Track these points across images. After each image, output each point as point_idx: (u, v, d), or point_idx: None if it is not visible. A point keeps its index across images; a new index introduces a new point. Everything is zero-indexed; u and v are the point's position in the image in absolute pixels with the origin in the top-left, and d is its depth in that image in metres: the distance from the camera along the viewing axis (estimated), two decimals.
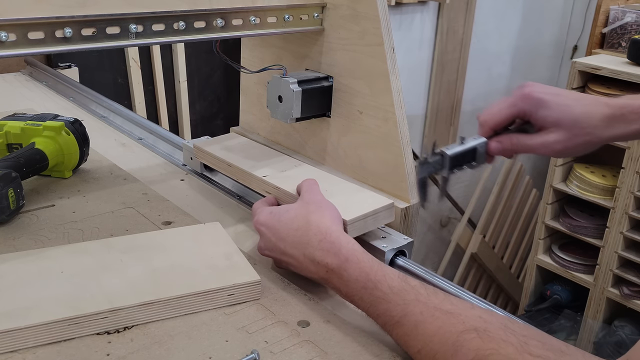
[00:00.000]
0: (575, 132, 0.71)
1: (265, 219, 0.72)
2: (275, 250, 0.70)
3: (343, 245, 0.65)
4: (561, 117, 0.72)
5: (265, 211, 0.73)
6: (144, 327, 0.62)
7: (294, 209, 0.71)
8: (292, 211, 0.71)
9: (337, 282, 0.64)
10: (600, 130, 0.72)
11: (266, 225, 0.72)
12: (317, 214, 0.69)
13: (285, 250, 0.69)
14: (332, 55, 0.87)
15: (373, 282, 0.60)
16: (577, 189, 2.23)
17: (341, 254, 0.64)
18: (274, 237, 0.70)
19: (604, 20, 2.34)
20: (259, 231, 0.73)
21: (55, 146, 0.93)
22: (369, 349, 0.61)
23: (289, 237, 0.68)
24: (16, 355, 0.57)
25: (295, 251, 0.67)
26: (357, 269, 0.62)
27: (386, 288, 0.59)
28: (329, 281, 0.65)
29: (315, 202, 0.72)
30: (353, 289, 0.62)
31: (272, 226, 0.71)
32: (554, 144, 0.72)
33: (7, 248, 0.75)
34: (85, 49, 0.69)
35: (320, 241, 0.66)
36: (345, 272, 0.63)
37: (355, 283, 0.62)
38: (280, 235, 0.69)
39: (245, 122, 1.06)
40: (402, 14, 2.41)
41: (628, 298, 2.13)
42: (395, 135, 0.81)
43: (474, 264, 2.84)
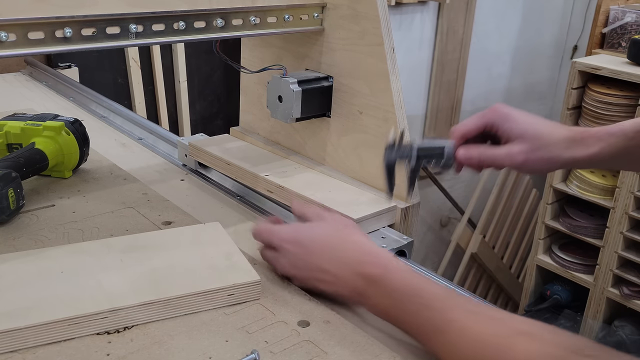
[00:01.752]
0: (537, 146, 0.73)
1: (290, 236, 0.70)
2: (305, 267, 0.68)
3: (382, 256, 0.65)
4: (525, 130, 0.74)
5: (287, 229, 0.71)
6: (144, 327, 0.62)
7: (321, 227, 0.70)
8: (320, 227, 0.70)
9: (378, 294, 0.62)
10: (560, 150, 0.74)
11: (293, 242, 0.69)
12: (347, 229, 0.69)
13: (319, 265, 0.66)
14: (332, 55, 0.87)
15: (416, 289, 0.60)
16: (577, 189, 2.23)
17: (381, 263, 0.63)
18: (304, 253, 0.68)
19: (604, 20, 2.34)
20: (282, 249, 0.70)
21: (55, 146, 0.93)
22: (369, 349, 0.61)
23: (324, 252, 0.67)
24: (16, 355, 0.57)
25: (332, 265, 0.66)
26: (399, 277, 0.61)
27: (429, 295, 0.59)
28: (368, 296, 0.63)
29: (339, 219, 0.72)
30: (395, 299, 0.60)
31: (301, 243, 0.68)
32: (516, 155, 0.73)
33: (7, 248, 0.75)
34: (85, 49, 0.69)
35: (360, 254, 0.65)
36: (387, 281, 0.61)
37: (397, 292, 0.60)
38: (313, 251, 0.67)
39: (245, 122, 1.06)
40: (402, 14, 2.41)
41: (628, 298, 2.13)
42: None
43: (474, 264, 2.84)
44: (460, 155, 0.75)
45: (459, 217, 2.87)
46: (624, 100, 2.07)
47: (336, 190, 0.85)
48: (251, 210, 0.91)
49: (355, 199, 0.83)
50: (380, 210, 0.80)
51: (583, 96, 2.18)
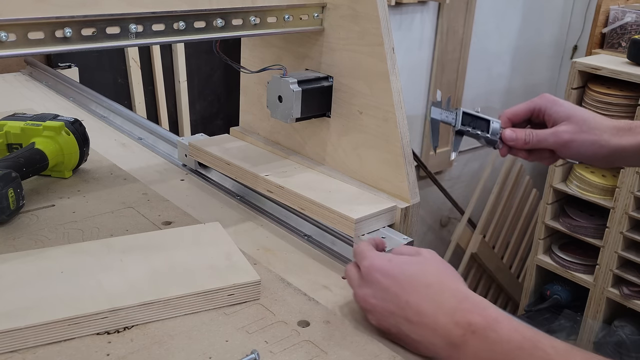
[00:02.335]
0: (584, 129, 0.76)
1: (384, 265, 0.63)
2: (392, 302, 0.61)
3: (489, 307, 0.58)
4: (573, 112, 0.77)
5: (382, 257, 0.64)
6: (144, 327, 0.62)
7: (420, 263, 0.63)
8: (418, 265, 0.63)
9: (479, 345, 0.55)
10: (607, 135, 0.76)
11: (385, 274, 0.62)
12: (449, 273, 0.63)
13: (410, 304, 0.59)
14: (332, 55, 0.87)
15: (532, 341, 0.53)
16: (577, 189, 2.23)
17: (488, 313, 0.56)
18: (396, 287, 0.61)
19: (604, 20, 2.34)
20: (371, 276, 0.63)
21: (55, 146, 0.93)
22: (369, 349, 0.61)
23: (418, 292, 0.60)
24: (16, 355, 0.57)
25: (426, 308, 0.58)
26: (510, 328, 0.54)
27: (549, 348, 0.52)
28: (463, 347, 0.55)
29: (439, 260, 0.65)
30: (501, 352, 0.53)
31: (394, 276, 0.61)
32: (562, 133, 0.76)
33: (7, 248, 0.75)
34: (85, 49, 0.69)
35: (460, 301, 0.58)
36: (493, 332, 0.54)
37: (507, 344, 0.53)
38: (404, 288, 0.60)
39: (245, 122, 1.06)
40: (402, 14, 2.41)
41: (628, 298, 2.13)
42: (395, 135, 0.81)
43: (474, 264, 2.84)
44: (507, 134, 0.78)
45: (459, 217, 2.87)
46: (624, 100, 2.07)
47: (336, 190, 0.85)
48: (251, 210, 0.91)
49: (355, 199, 0.83)
50: (380, 210, 0.80)
51: (583, 96, 2.18)
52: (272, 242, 0.83)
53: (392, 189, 0.84)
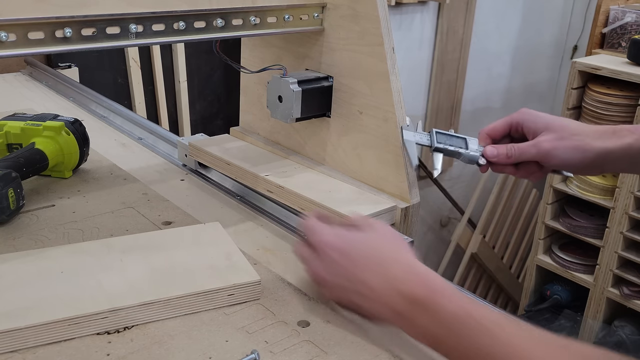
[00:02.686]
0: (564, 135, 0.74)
1: (333, 240, 0.64)
2: (342, 276, 0.62)
3: (432, 278, 0.59)
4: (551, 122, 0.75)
5: (331, 233, 0.65)
6: (144, 327, 0.62)
7: (369, 237, 0.65)
8: (366, 238, 0.64)
9: (422, 316, 0.57)
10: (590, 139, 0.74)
11: (335, 249, 0.63)
12: (396, 244, 0.64)
13: (358, 278, 0.61)
14: (332, 55, 0.87)
15: (473, 316, 0.55)
16: (577, 189, 2.23)
17: (431, 284, 0.58)
18: (345, 261, 0.62)
19: (604, 20, 2.34)
20: (321, 251, 0.64)
21: (55, 146, 0.93)
22: (369, 349, 0.61)
23: (366, 265, 0.61)
24: (16, 355, 0.57)
25: (373, 281, 0.60)
26: (453, 301, 0.56)
27: (489, 322, 0.54)
28: (409, 317, 0.58)
29: (388, 232, 0.67)
30: (444, 321, 0.55)
31: (343, 251, 0.63)
32: (543, 142, 0.74)
33: (7, 248, 0.75)
34: (85, 49, 0.69)
35: (405, 272, 0.60)
36: (436, 303, 0.56)
37: (448, 314, 0.55)
38: (354, 261, 0.62)
39: (245, 122, 1.06)
40: (402, 14, 2.41)
41: (628, 298, 2.13)
42: (395, 135, 0.81)
43: (474, 264, 2.84)
44: (489, 151, 0.77)
45: (459, 217, 2.87)
46: (624, 100, 2.07)
47: (336, 190, 0.85)
48: (251, 210, 0.91)
49: (355, 199, 0.83)
50: (380, 210, 0.80)
51: (583, 96, 2.18)
52: (272, 242, 0.83)
53: (392, 189, 0.84)
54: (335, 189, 0.86)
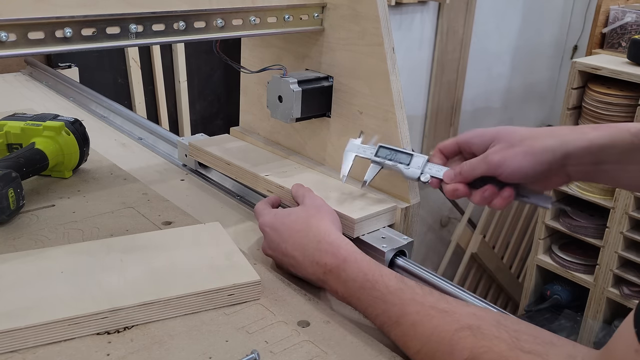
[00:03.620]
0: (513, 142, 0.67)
1: (269, 220, 0.75)
2: (277, 250, 0.72)
3: (342, 247, 0.66)
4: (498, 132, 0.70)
5: (270, 213, 0.76)
6: (144, 327, 0.62)
7: (295, 212, 0.74)
8: (294, 214, 0.73)
9: (334, 282, 0.65)
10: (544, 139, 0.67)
11: (270, 227, 0.74)
12: (317, 217, 0.72)
13: (286, 251, 0.71)
14: (332, 55, 0.87)
15: (371, 282, 0.61)
16: (577, 189, 2.23)
17: (339, 254, 0.65)
18: (277, 238, 0.72)
19: (604, 20, 2.34)
20: (264, 232, 0.75)
21: (55, 146, 0.93)
22: (368, 349, 0.61)
23: (291, 238, 0.71)
24: (16, 355, 0.57)
25: (296, 252, 0.69)
26: (355, 269, 0.63)
27: (383, 288, 0.60)
28: (326, 282, 0.66)
29: (315, 206, 0.75)
30: (351, 289, 0.63)
31: (276, 228, 0.73)
32: (491, 154, 0.68)
33: (7, 248, 0.75)
34: (85, 49, 0.69)
35: (319, 242, 0.68)
36: (343, 272, 0.64)
37: (353, 283, 0.63)
38: (282, 236, 0.72)
39: (245, 122, 1.06)
40: (402, 14, 2.41)
41: (628, 298, 2.13)
42: (395, 135, 0.81)
43: (474, 264, 2.84)
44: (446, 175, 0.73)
45: (459, 217, 2.87)
46: (624, 100, 2.07)
47: (335, 190, 0.85)
48: (251, 210, 0.91)
49: (355, 199, 0.83)
50: (380, 210, 0.80)
51: (583, 96, 2.18)
52: None
53: (392, 189, 0.84)
54: (334, 189, 0.86)
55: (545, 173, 0.68)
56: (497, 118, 3.07)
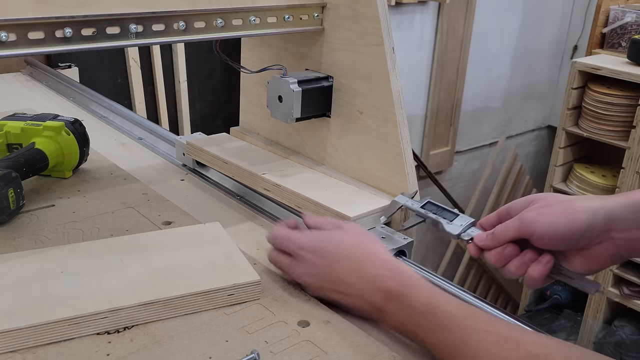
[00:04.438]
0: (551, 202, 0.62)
1: (307, 243, 0.68)
2: (322, 277, 0.66)
3: (403, 271, 0.63)
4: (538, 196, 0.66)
5: (305, 236, 0.69)
6: (144, 327, 0.62)
7: (340, 236, 0.68)
8: (340, 237, 0.68)
9: (396, 309, 0.61)
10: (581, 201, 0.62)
11: (311, 251, 0.67)
12: (367, 240, 0.68)
13: (339, 277, 0.65)
14: (332, 55, 0.87)
15: (433, 308, 0.58)
16: (577, 189, 2.23)
17: (402, 279, 0.62)
18: (321, 263, 0.66)
19: (604, 20, 2.34)
20: (299, 256, 0.68)
21: (55, 146, 0.93)
22: (368, 349, 0.61)
23: (344, 263, 0.65)
24: (16, 355, 0.57)
25: (351, 279, 0.64)
26: (418, 294, 0.60)
27: (445, 315, 0.58)
28: (385, 310, 0.62)
29: (361, 231, 0.71)
30: (411, 315, 0.60)
31: (319, 252, 0.67)
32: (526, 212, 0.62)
33: (7, 248, 0.75)
34: (85, 49, 0.69)
35: (377, 267, 0.64)
36: (407, 298, 0.60)
37: (414, 309, 0.60)
38: (331, 261, 0.66)
39: (245, 122, 1.06)
40: (402, 14, 2.41)
41: (628, 298, 2.13)
42: (395, 135, 0.81)
43: (474, 264, 2.84)
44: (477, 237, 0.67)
45: None
46: (624, 100, 2.07)
47: (333, 189, 0.85)
48: (251, 210, 0.91)
49: (352, 198, 0.83)
50: (377, 208, 0.80)
51: (583, 96, 2.18)
52: None
53: (392, 189, 0.84)
54: (333, 188, 0.86)
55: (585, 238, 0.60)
56: (497, 118, 3.07)
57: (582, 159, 2.36)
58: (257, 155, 0.97)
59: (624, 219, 0.59)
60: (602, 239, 0.60)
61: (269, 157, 0.96)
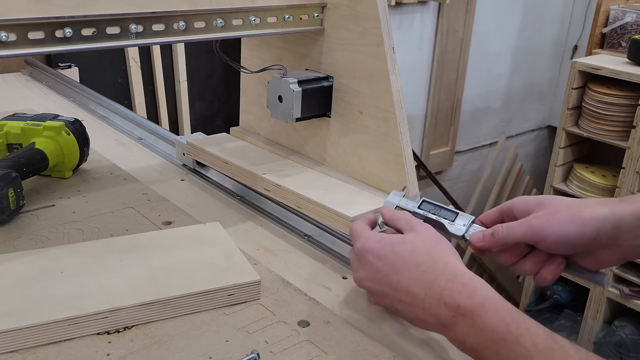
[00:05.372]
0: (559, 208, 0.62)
1: (373, 247, 0.62)
2: (384, 283, 0.61)
3: (478, 288, 0.56)
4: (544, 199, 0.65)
5: (372, 237, 0.64)
6: (144, 327, 0.62)
7: (410, 241, 0.62)
8: (409, 243, 0.62)
9: (466, 329, 0.55)
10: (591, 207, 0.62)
11: (376, 255, 0.62)
12: (440, 249, 0.61)
13: (400, 285, 0.60)
14: (332, 55, 0.87)
15: (514, 335, 0.52)
16: (577, 189, 2.23)
17: (476, 296, 0.55)
18: (386, 268, 0.61)
19: (604, 20, 2.34)
20: (363, 258, 0.63)
21: (55, 146, 0.93)
22: (369, 349, 0.61)
23: (408, 272, 0.60)
24: (16, 355, 0.57)
25: (417, 289, 0.58)
26: (496, 316, 0.53)
27: (530, 344, 0.51)
28: (453, 328, 0.56)
29: (432, 236, 0.63)
30: (486, 340, 0.53)
31: (385, 257, 0.61)
32: (533, 219, 0.62)
33: (7, 248, 0.75)
34: (85, 49, 0.69)
35: (449, 281, 0.57)
36: (479, 318, 0.54)
37: (490, 333, 0.53)
38: (395, 268, 0.60)
39: (245, 122, 1.06)
40: (402, 14, 2.41)
41: (628, 298, 2.13)
42: (395, 135, 0.81)
43: (474, 264, 2.84)
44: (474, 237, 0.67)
45: None
46: (624, 100, 2.07)
47: (333, 189, 0.85)
48: (251, 210, 0.91)
49: (351, 198, 0.83)
50: (376, 208, 0.80)
51: (583, 96, 2.18)
52: (272, 242, 0.83)
53: (392, 189, 0.84)
54: (333, 188, 0.86)
55: (593, 245, 0.61)
56: (497, 118, 3.07)
57: (582, 159, 2.36)
58: (257, 155, 0.97)
59: (631, 228, 0.60)
60: (608, 244, 0.61)
61: (269, 157, 0.96)
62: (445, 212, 0.71)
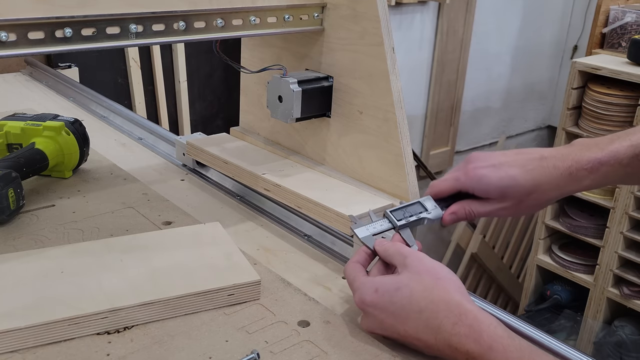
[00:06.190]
0: (521, 199, 0.69)
1: (372, 299, 0.61)
2: (393, 332, 0.61)
3: (484, 330, 0.55)
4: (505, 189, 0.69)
5: (369, 288, 0.62)
6: (144, 327, 0.62)
7: (406, 286, 0.60)
8: (406, 289, 0.60)
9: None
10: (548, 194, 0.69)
11: (377, 308, 0.61)
12: (439, 288, 0.59)
13: (409, 333, 0.59)
14: (332, 55, 0.87)
15: None
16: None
17: (483, 340, 0.55)
18: (390, 320, 0.60)
19: (604, 20, 2.34)
20: (365, 312, 0.63)
21: (55, 146, 0.93)
22: (369, 349, 0.61)
23: (412, 320, 0.59)
24: (16, 355, 0.57)
25: (425, 335, 0.58)
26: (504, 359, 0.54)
27: None
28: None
29: (428, 271, 0.61)
30: None
31: (385, 309, 0.60)
32: (500, 211, 0.71)
33: (7, 248, 0.75)
34: (85, 49, 0.69)
35: (454, 324, 0.56)
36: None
37: None
38: (398, 319, 0.60)
39: (245, 122, 1.06)
40: (402, 14, 2.41)
41: (628, 298, 2.13)
42: (395, 135, 0.81)
43: (474, 264, 2.84)
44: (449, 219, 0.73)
45: None
46: (624, 100, 2.07)
47: (333, 189, 0.85)
48: (251, 210, 0.91)
49: (351, 198, 0.83)
50: (376, 208, 0.80)
51: (583, 96, 2.18)
52: (272, 242, 0.83)
53: (392, 189, 0.84)
54: (333, 188, 0.86)
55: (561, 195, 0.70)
56: (497, 118, 3.07)
57: None
58: (257, 155, 0.97)
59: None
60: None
61: (269, 157, 0.96)
62: (414, 207, 0.72)
